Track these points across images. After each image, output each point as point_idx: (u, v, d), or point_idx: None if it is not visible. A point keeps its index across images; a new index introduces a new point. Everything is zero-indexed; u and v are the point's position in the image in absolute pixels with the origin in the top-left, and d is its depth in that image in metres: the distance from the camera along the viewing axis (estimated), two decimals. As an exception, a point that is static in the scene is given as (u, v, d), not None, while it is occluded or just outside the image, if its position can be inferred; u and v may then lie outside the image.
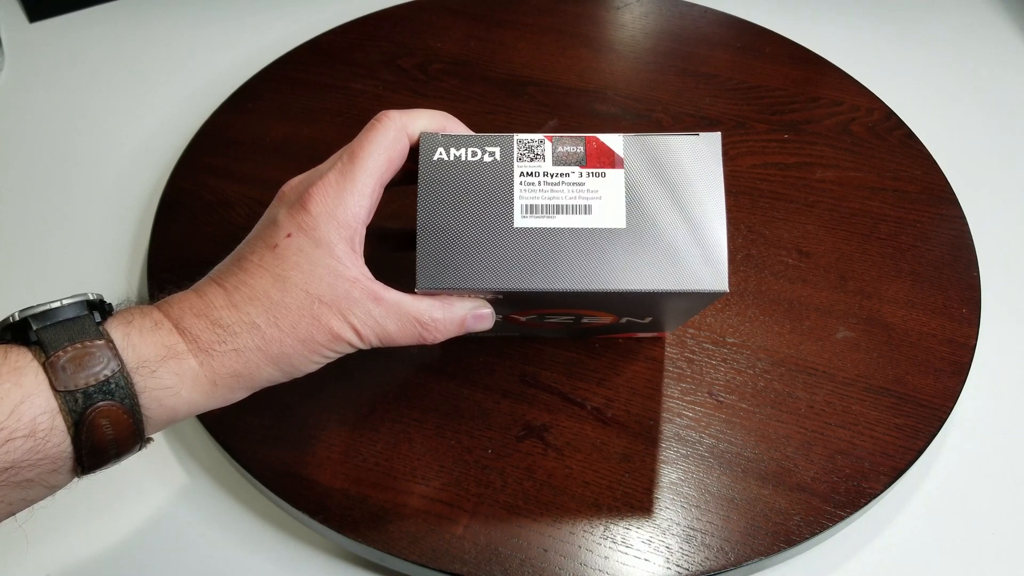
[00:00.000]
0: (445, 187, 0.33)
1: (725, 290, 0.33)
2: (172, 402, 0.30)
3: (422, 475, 0.43)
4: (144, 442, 0.31)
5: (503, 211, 0.33)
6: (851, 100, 0.65)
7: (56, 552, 0.46)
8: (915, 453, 0.44)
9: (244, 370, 0.31)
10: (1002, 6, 0.82)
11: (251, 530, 0.46)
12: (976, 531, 0.46)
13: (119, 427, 0.28)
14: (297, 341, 0.31)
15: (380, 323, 0.32)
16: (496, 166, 0.33)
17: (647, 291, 0.33)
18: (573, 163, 0.33)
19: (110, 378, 0.28)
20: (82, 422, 0.27)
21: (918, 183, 0.59)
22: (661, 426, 0.45)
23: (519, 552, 0.41)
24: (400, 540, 0.41)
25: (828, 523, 0.42)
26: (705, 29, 0.71)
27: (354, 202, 0.32)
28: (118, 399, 0.28)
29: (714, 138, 0.34)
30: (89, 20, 0.78)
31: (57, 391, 0.27)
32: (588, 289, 0.33)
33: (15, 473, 0.27)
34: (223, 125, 0.62)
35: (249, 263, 0.32)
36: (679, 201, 0.33)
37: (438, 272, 0.33)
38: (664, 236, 0.33)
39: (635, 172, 0.33)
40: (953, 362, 0.48)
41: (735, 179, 0.59)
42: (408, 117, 0.34)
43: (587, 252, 0.33)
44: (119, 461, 0.30)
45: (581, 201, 0.33)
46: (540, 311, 0.39)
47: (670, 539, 0.41)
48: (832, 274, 0.53)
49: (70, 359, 0.27)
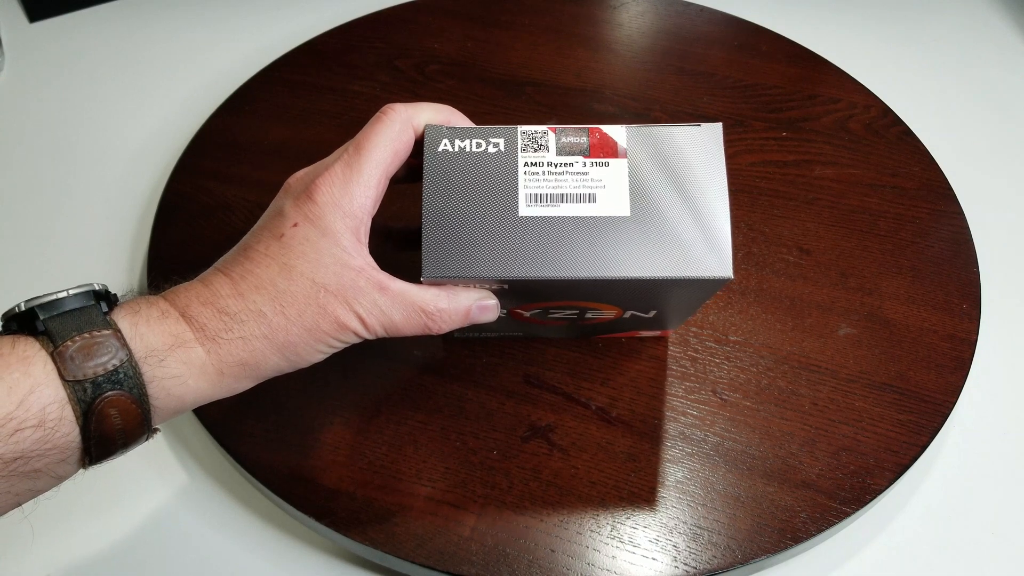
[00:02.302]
0: (450, 177, 0.33)
1: (730, 276, 0.33)
2: (180, 391, 0.30)
3: (428, 477, 0.43)
4: (151, 432, 0.30)
5: (507, 200, 0.33)
6: (848, 97, 0.65)
7: (57, 552, 0.45)
8: (919, 449, 0.45)
9: (250, 359, 0.31)
10: (996, 2, 0.82)
11: (254, 532, 0.46)
12: (981, 526, 0.46)
13: (127, 417, 0.28)
14: (303, 330, 0.31)
15: (386, 312, 0.32)
16: (500, 157, 0.34)
17: (652, 278, 0.33)
18: (577, 153, 0.34)
19: (119, 368, 0.28)
20: (91, 412, 0.27)
21: (916, 179, 0.59)
22: (666, 425, 0.45)
23: (526, 553, 0.41)
24: (407, 542, 0.41)
25: (834, 520, 0.42)
26: (702, 28, 0.71)
27: (360, 193, 0.32)
28: (127, 389, 0.28)
29: (716, 128, 0.34)
30: (89, 20, 0.78)
31: (66, 381, 0.27)
32: (593, 277, 0.33)
33: (24, 463, 0.27)
34: (221, 128, 0.62)
35: (255, 252, 0.32)
36: (682, 189, 0.33)
37: (443, 261, 0.33)
38: (668, 224, 0.33)
39: (638, 161, 0.34)
40: (955, 357, 0.49)
41: (734, 177, 0.59)
42: (413, 110, 0.34)
43: (592, 240, 0.33)
44: (126, 451, 0.30)
45: (585, 190, 0.33)
46: (544, 304, 0.38)
47: (677, 538, 0.41)
48: (833, 271, 0.53)
49: (78, 349, 0.27)
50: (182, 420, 0.51)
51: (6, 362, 0.27)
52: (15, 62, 0.74)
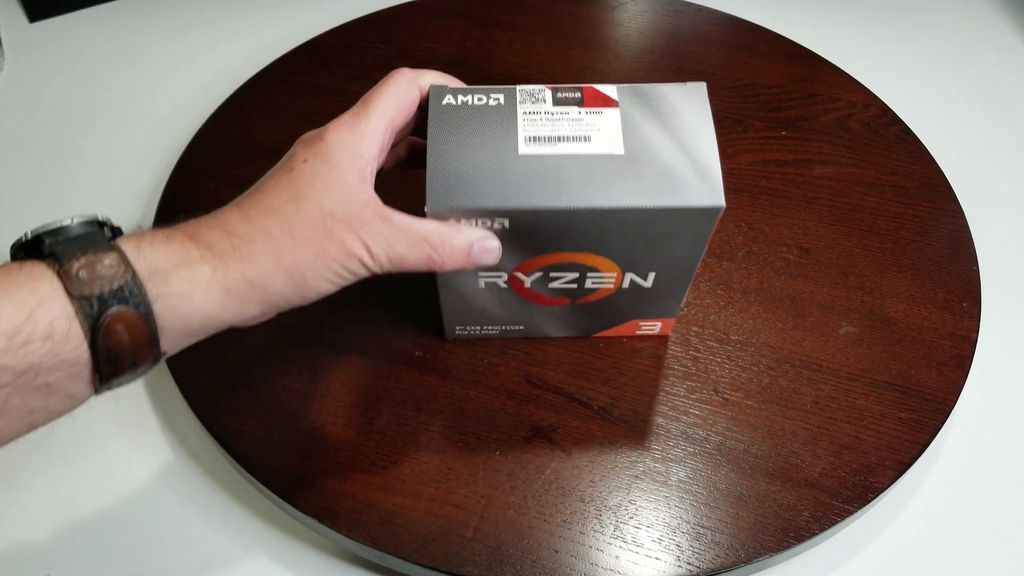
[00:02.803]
0: (453, 124, 0.36)
1: (722, 205, 0.35)
2: (186, 310, 0.30)
3: (430, 478, 0.43)
4: (160, 354, 0.31)
5: (508, 140, 0.36)
6: (847, 97, 0.65)
7: (56, 552, 0.45)
8: (920, 447, 0.45)
9: (257, 278, 0.32)
10: (997, 2, 0.83)
11: (255, 533, 0.46)
12: (982, 524, 0.47)
13: (135, 333, 0.29)
14: (310, 252, 0.32)
15: (391, 243, 0.34)
16: (501, 108, 0.36)
17: (646, 207, 0.35)
18: (572, 104, 0.37)
19: (123, 286, 0.28)
20: (98, 327, 0.28)
21: (916, 178, 0.59)
22: (668, 424, 0.45)
23: (530, 553, 0.41)
24: (410, 543, 0.41)
25: (836, 518, 0.42)
26: (700, 27, 0.71)
27: (368, 137, 0.34)
28: (132, 305, 0.28)
29: (700, 86, 0.37)
30: (89, 20, 0.78)
31: (72, 297, 0.28)
32: (590, 206, 0.35)
33: (34, 376, 0.27)
34: (220, 129, 0.62)
35: (265, 185, 0.33)
36: (672, 132, 0.36)
37: (446, 193, 0.35)
38: (660, 160, 0.35)
39: (629, 110, 0.37)
40: (955, 356, 0.49)
41: (734, 176, 0.59)
42: (419, 72, 0.37)
43: (588, 174, 0.35)
44: (136, 373, 0.30)
45: (581, 132, 0.36)
46: (544, 260, 0.39)
47: (680, 537, 0.41)
48: (833, 270, 0.53)
49: (83, 267, 0.28)
50: (183, 420, 0.50)
51: (14, 280, 0.27)
52: (15, 62, 0.73)
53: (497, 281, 0.42)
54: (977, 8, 0.82)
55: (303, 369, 0.48)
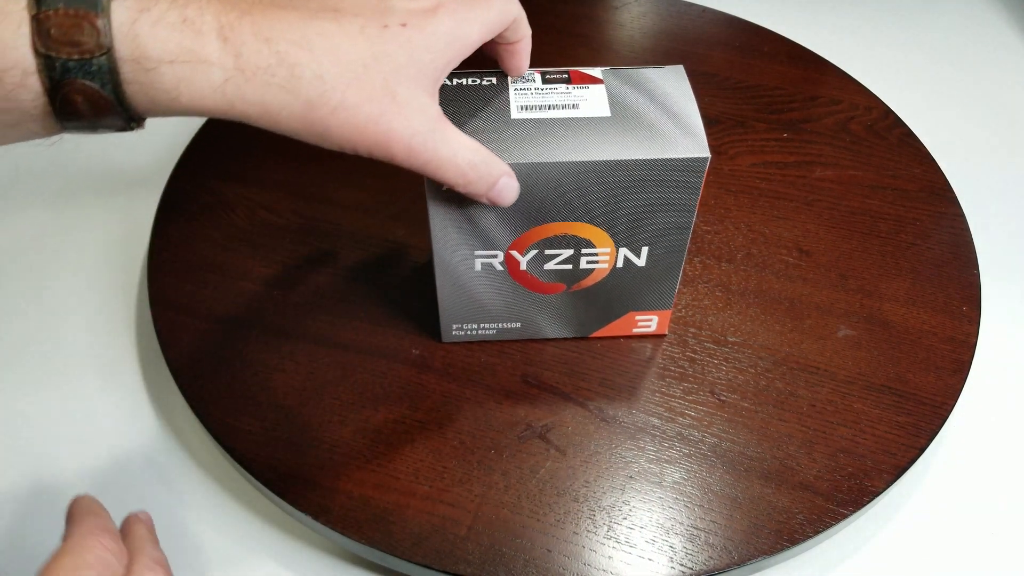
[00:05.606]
0: (448, 99, 0.38)
1: (707, 155, 0.38)
2: (166, 101, 0.28)
3: (425, 476, 0.43)
4: (135, 123, 0.29)
5: (501, 108, 0.39)
6: (849, 99, 0.65)
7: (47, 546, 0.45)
8: (917, 451, 0.45)
9: (274, 114, 0.29)
10: (997, 3, 0.82)
11: (251, 530, 0.46)
12: (977, 529, 0.46)
13: (98, 107, 0.27)
14: (350, 123, 0.29)
15: (435, 140, 0.32)
16: (494, 86, 0.39)
17: (634, 159, 0.37)
18: (560, 83, 0.40)
19: (91, 60, 0.25)
20: (56, 91, 0.26)
21: (917, 181, 0.59)
22: (663, 425, 0.45)
23: (523, 552, 0.41)
24: (403, 541, 0.41)
25: (831, 521, 0.42)
26: (703, 28, 0.71)
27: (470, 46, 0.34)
28: (98, 83, 0.26)
29: (679, 68, 0.41)
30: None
31: (38, 53, 0.25)
32: (581, 160, 0.37)
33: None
34: (222, 125, 0.62)
35: (351, 24, 0.29)
36: (656, 101, 0.39)
37: None
38: (646, 120, 0.38)
39: (615, 86, 0.40)
40: (954, 360, 0.48)
41: (734, 178, 0.59)
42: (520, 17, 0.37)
43: (578, 133, 0.38)
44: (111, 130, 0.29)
45: (570, 102, 0.39)
46: (539, 232, 0.41)
47: (674, 539, 0.41)
48: (832, 273, 0.53)
49: (58, 23, 0.25)
50: (180, 418, 0.51)
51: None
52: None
53: (493, 262, 0.42)
54: (983, 12, 0.81)
55: (300, 366, 0.48)
